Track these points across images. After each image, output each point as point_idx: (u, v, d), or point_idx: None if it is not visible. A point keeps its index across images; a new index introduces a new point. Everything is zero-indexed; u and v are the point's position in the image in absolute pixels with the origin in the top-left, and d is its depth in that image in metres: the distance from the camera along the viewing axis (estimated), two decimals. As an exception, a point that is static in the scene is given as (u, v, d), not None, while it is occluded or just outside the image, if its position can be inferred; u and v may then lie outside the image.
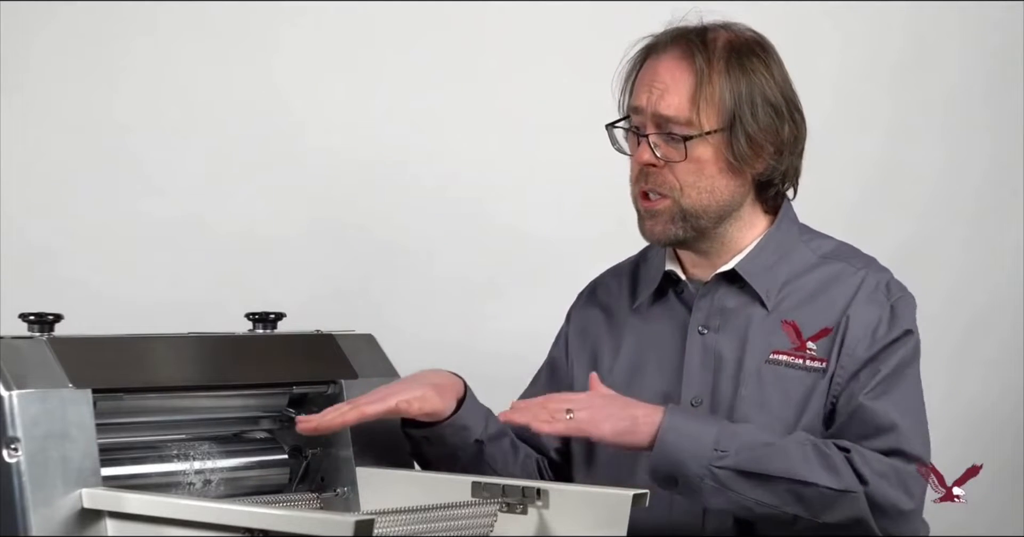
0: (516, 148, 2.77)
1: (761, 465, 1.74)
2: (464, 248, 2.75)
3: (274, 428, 1.86)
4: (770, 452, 1.75)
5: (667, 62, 1.85)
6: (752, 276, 1.89)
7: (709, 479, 1.74)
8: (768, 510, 1.75)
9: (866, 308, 1.85)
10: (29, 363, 1.56)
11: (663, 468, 1.75)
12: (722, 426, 1.77)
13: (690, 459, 1.74)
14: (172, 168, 2.54)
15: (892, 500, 1.76)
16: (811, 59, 3.00)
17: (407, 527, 1.56)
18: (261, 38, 2.62)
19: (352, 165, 2.67)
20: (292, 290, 2.54)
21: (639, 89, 1.87)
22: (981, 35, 3.13)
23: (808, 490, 1.74)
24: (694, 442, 1.74)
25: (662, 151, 1.85)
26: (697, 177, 1.84)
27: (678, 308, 1.94)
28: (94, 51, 2.50)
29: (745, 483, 1.74)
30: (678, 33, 1.88)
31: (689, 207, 1.85)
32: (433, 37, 2.74)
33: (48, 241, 2.45)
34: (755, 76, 1.85)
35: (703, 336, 1.89)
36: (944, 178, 3.12)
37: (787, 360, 1.85)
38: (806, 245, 1.93)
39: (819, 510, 1.75)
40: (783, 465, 1.74)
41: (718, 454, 1.74)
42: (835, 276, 1.89)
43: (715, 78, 1.83)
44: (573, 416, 1.74)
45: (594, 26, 2.75)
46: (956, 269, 3.09)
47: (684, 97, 1.83)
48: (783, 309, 1.88)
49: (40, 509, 1.52)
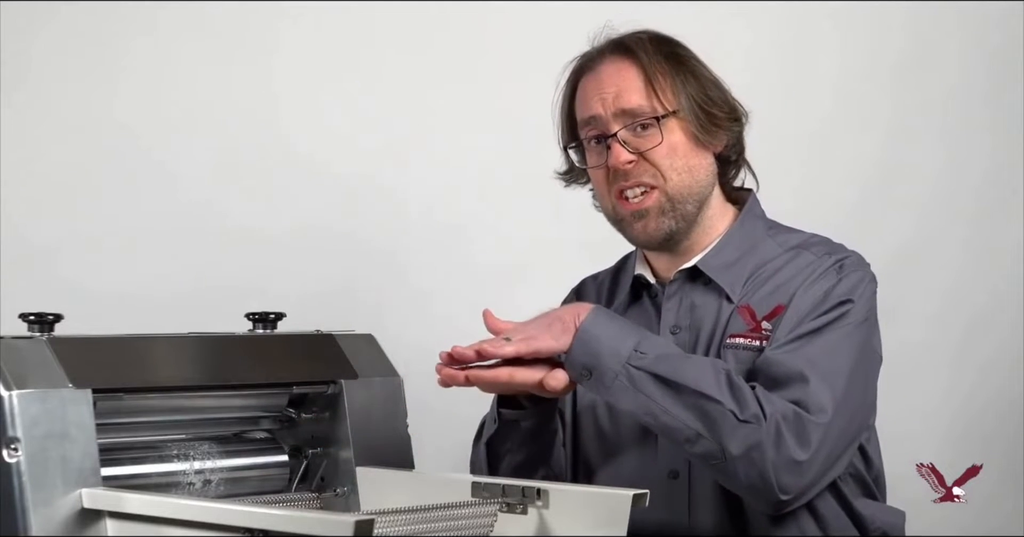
0: (516, 149, 2.77)
1: (676, 374, 1.74)
2: (464, 248, 2.75)
3: (274, 428, 1.86)
4: (686, 364, 1.76)
5: (607, 69, 1.92)
6: (715, 271, 1.91)
7: (624, 377, 1.75)
8: (672, 421, 1.74)
9: (816, 284, 1.86)
10: (29, 363, 1.56)
11: (580, 358, 1.76)
12: (644, 334, 1.79)
13: (608, 354, 1.75)
14: (172, 168, 2.54)
15: (787, 443, 1.73)
16: (811, 59, 3.01)
17: (407, 527, 1.56)
18: (261, 39, 2.63)
19: (353, 165, 2.67)
20: (292, 290, 2.54)
21: (588, 101, 1.92)
22: (981, 35, 3.13)
23: (714, 407, 1.73)
24: (615, 339, 1.76)
25: (634, 145, 1.88)
26: (673, 159, 1.89)
27: (651, 311, 1.96)
28: (94, 51, 2.50)
29: (656, 388, 1.74)
30: (603, 46, 1.95)
31: (675, 192, 1.89)
32: (433, 37, 2.74)
33: (48, 241, 2.45)
34: (689, 60, 1.94)
35: (675, 336, 1.91)
36: (944, 178, 3.12)
37: (744, 343, 1.86)
38: (772, 239, 1.95)
39: (721, 433, 1.72)
40: (696, 378, 1.74)
41: (637, 354, 1.75)
42: (793, 263, 1.90)
43: (658, 67, 1.90)
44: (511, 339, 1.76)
45: (594, 27, 2.75)
46: (956, 269, 3.09)
47: (639, 89, 1.89)
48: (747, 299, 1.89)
49: (40, 509, 1.52)
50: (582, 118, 1.93)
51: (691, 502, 1.87)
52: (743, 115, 1.95)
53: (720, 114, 1.91)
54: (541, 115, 2.76)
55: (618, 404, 1.78)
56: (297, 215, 2.63)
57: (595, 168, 1.93)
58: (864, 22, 3.05)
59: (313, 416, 1.85)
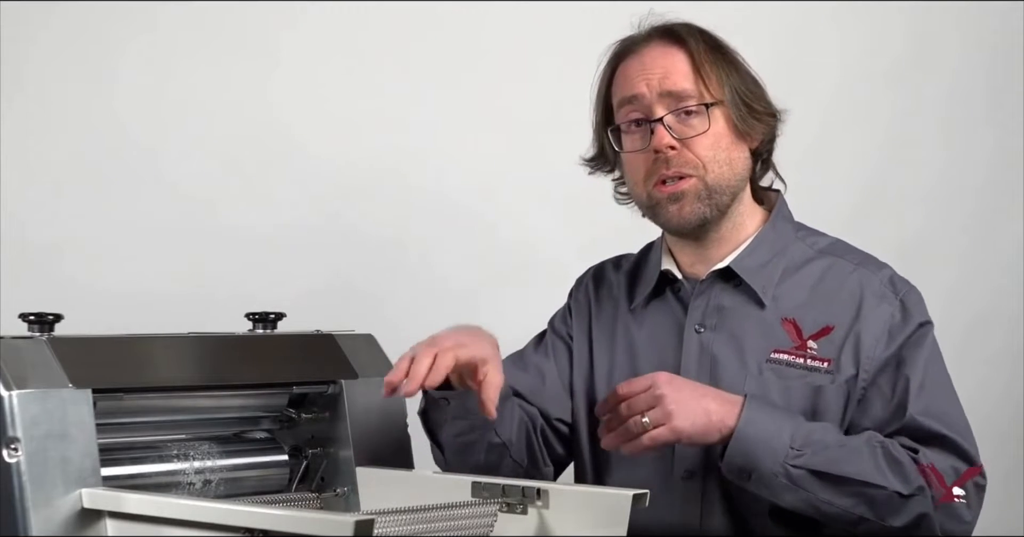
0: (517, 148, 2.77)
1: (835, 466, 1.74)
2: (464, 248, 2.75)
3: (274, 428, 1.86)
4: (844, 454, 1.75)
5: (653, 51, 1.89)
6: (748, 273, 1.89)
7: (783, 476, 1.74)
8: (835, 510, 1.76)
9: (877, 307, 1.85)
10: (29, 363, 1.56)
11: (737, 461, 1.75)
12: (797, 422, 1.77)
13: (766, 455, 1.74)
14: (172, 167, 2.54)
15: (953, 506, 1.78)
16: (811, 59, 3.01)
17: (407, 527, 1.56)
18: (261, 38, 2.62)
19: (352, 165, 2.67)
20: (292, 290, 2.54)
21: (631, 81, 1.88)
22: (981, 35, 3.14)
23: (878, 493, 1.75)
24: (771, 438, 1.74)
25: (678, 131, 1.85)
26: (716, 150, 1.86)
27: (675, 307, 1.94)
28: (94, 51, 2.50)
29: (817, 483, 1.74)
30: (651, 30, 1.92)
31: (714, 182, 1.86)
32: (433, 37, 2.74)
33: (48, 241, 2.44)
34: (732, 53, 1.92)
35: (699, 335, 1.89)
36: (944, 178, 3.12)
37: (788, 359, 1.85)
38: (802, 241, 1.94)
39: (886, 513, 1.75)
40: (856, 468, 1.74)
41: (794, 452, 1.74)
42: (833, 273, 1.89)
43: (705, 55, 1.87)
44: (649, 421, 1.73)
45: (594, 27, 2.75)
46: (956, 269, 3.09)
47: (686, 74, 1.87)
48: (781, 307, 1.88)
49: (40, 509, 1.52)
50: (622, 97, 1.89)
51: (704, 502, 1.86)
52: (778, 112, 1.93)
53: (760, 108, 1.89)
54: (543, 114, 2.78)
55: (779, 500, 1.77)
56: (297, 215, 2.63)
57: (632, 153, 1.89)
58: (864, 22, 3.05)
59: (313, 416, 1.85)
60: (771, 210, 1.96)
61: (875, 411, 1.83)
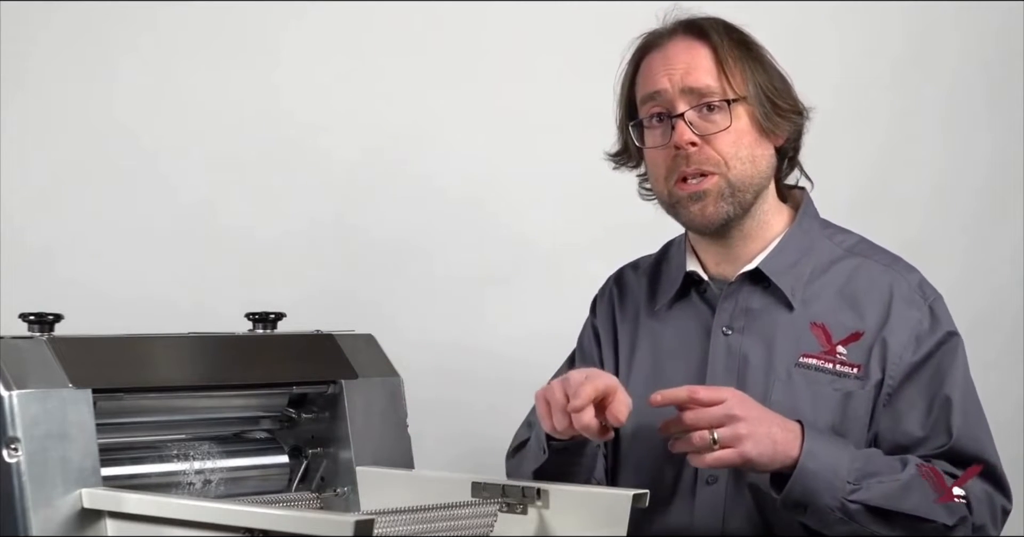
0: (517, 148, 2.77)
1: (891, 503, 1.74)
2: (464, 248, 2.75)
3: (274, 428, 1.86)
4: (898, 489, 1.75)
5: (676, 46, 1.87)
6: (777, 275, 1.87)
7: (839, 511, 1.73)
8: None
9: (906, 312, 1.84)
10: (29, 363, 1.56)
11: (796, 495, 1.73)
12: (851, 454, 1.76)
13: (824, 491, 1.72)
14: (172, 168, 2.54)
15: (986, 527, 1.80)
16: (811, 59, 3.01)
17: (407, 527, 1.56)
18: (262, 39, 2.62)
19: (352, 165, 2.67)
20: (292, 290, 2.54)
21: (654, 76, 1.86)
22: (981, 35, 3.13)
23: (927, 526, 1.75)
24: (830, 473, 1.72)
25: (700, 127, 1.83)
26: (738, 147, 1.84)
27: (701, 308, 1.91)
28: (94, 51, 2.49)
29: (871, 517, 1.74)
30: (675, 25, 1.90)
31: (736, 180, 1.84)
32: (433, 37, 2.73)
33: (48, 241, 2.44)
34: (759, 49, 1.90)
35: (727, 337, 1.87)
36: (944, 178, 3.12)
37: (817, 364, 1.83)
38: (829, 239, 1.92)
39: None
40: (911, 504, 1.75)
41: (851, 488, 1.73)
42: (861, 273, 1.88)
43: (730, 51, 1.85)
44: (717, 439, 1.70)
45: (594, 26, 2.75)
46: (956, 269, 3.08)
47: (709, 70, 1.84)
48: (810, 310, 1.86)
49: (40, 509, 1.52)
50: (645, 93, 1.87)
51: (726, 508, 1.84)
52: (805, 110, 1.91)
53: (785, 105, 1.87)
54: (544, 114, 2.78)
55: (828, 531, 1.76)
56: (297, 215, 2.63)
57: (654, 148, 1.87)
58: (864, 22, 3.05)
59: (313, 416, 1.85)
60: (797, 208, 1.93)
61: (910, 426, 1.82)
